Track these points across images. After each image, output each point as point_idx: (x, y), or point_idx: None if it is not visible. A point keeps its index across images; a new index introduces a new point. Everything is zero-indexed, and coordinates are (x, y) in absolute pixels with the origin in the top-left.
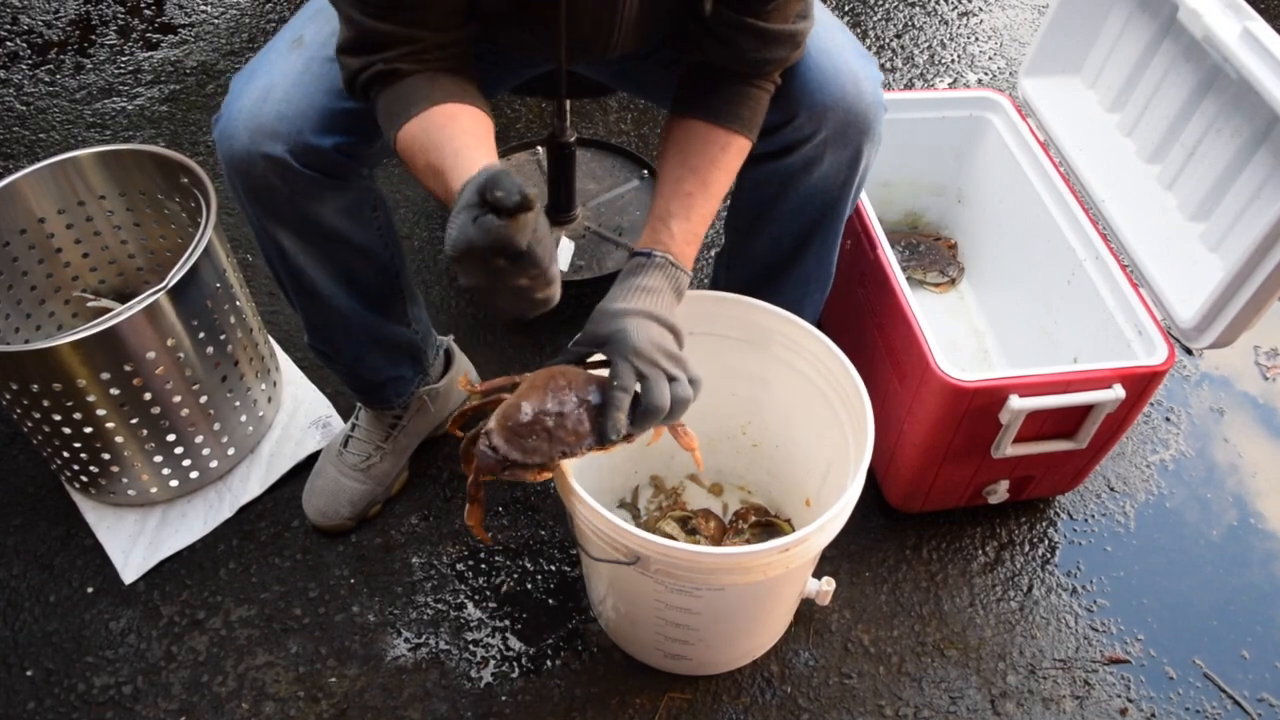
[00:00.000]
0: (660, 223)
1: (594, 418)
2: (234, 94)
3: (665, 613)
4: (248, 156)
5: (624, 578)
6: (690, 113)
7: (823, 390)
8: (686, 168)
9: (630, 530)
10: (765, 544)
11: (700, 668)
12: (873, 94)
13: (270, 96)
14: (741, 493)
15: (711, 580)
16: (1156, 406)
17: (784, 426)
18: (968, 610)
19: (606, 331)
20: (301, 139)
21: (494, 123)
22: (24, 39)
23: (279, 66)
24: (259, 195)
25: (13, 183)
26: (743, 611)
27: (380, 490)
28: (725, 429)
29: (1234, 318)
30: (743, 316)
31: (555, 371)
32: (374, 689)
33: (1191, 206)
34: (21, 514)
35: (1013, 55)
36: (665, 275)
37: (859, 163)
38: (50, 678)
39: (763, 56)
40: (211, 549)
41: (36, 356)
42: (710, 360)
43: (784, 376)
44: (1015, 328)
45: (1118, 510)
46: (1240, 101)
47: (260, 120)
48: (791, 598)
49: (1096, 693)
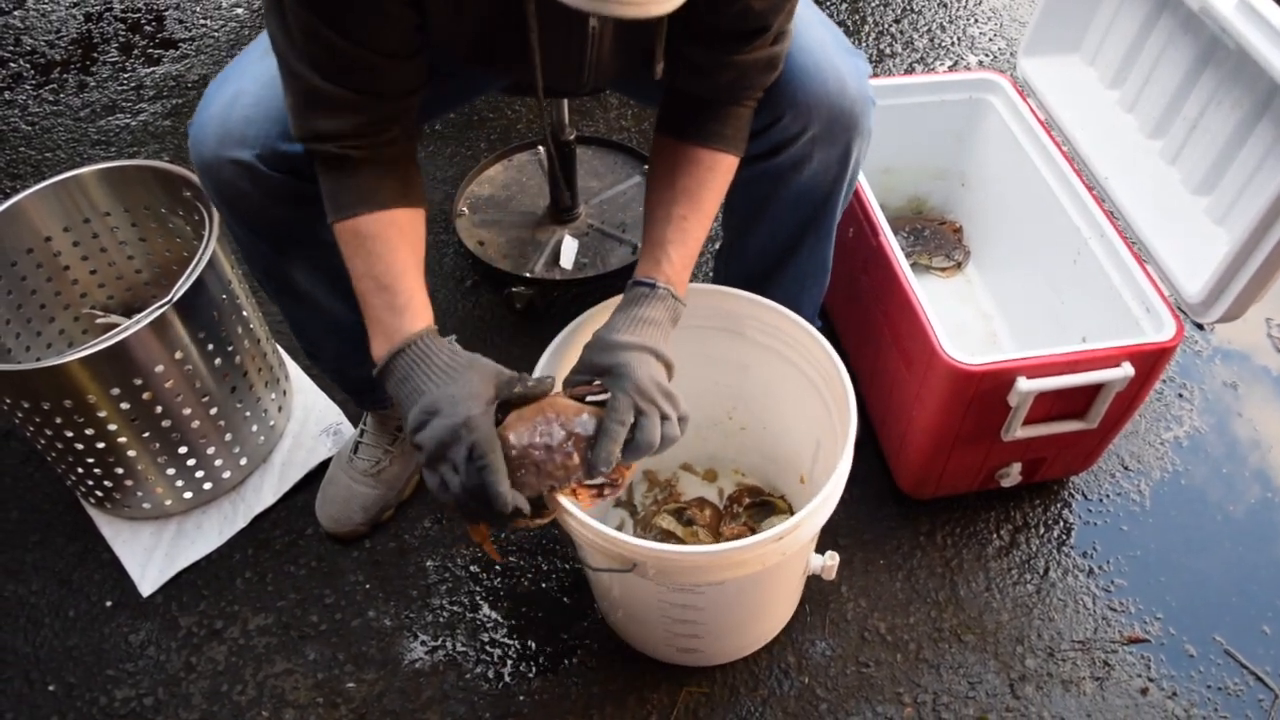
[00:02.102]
0: (659, 250)
1: (583, 450)
2: (206, 99)
3: (670, 611)
4: (216, 161)
5: (626, 582)
6: (675, 135)
7: (801, 369)
8: (677, 190)
9: (623, 539)
10: (758, 536)
11: (713, 657)
12: (858, 89)
13: (239, 102)
14: (736, 476)
15: (710, 577)
16: (1169, 383)
17: (768, 408)
18: (984, 595)
19: (608, 363)
20: (269, 144)
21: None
22: (27, 59)
23: (250, 72)
24: (230, 200)
25: (17, 203)
26: (747, 600)
27: (392, 494)
28: (711, 416)
29: (1242, 290)
30: (716, 305)
31: (545, 404)
32: (392, 693)
33: (1195, 180)
34: (39, 531)
35: (1013, 36)
36: (666, 307)
37: (849, 159)
38: (72, 692)
39: (743, 84)
40: (227, 559)
41: (46, 374)
42: (689, 350)
43: (761, 359)
44: (1023, 310)
45: (1133, 489)
46: (1240, 73)
47: (228, 125)
48: (795, 579)
49: (1116, 673)
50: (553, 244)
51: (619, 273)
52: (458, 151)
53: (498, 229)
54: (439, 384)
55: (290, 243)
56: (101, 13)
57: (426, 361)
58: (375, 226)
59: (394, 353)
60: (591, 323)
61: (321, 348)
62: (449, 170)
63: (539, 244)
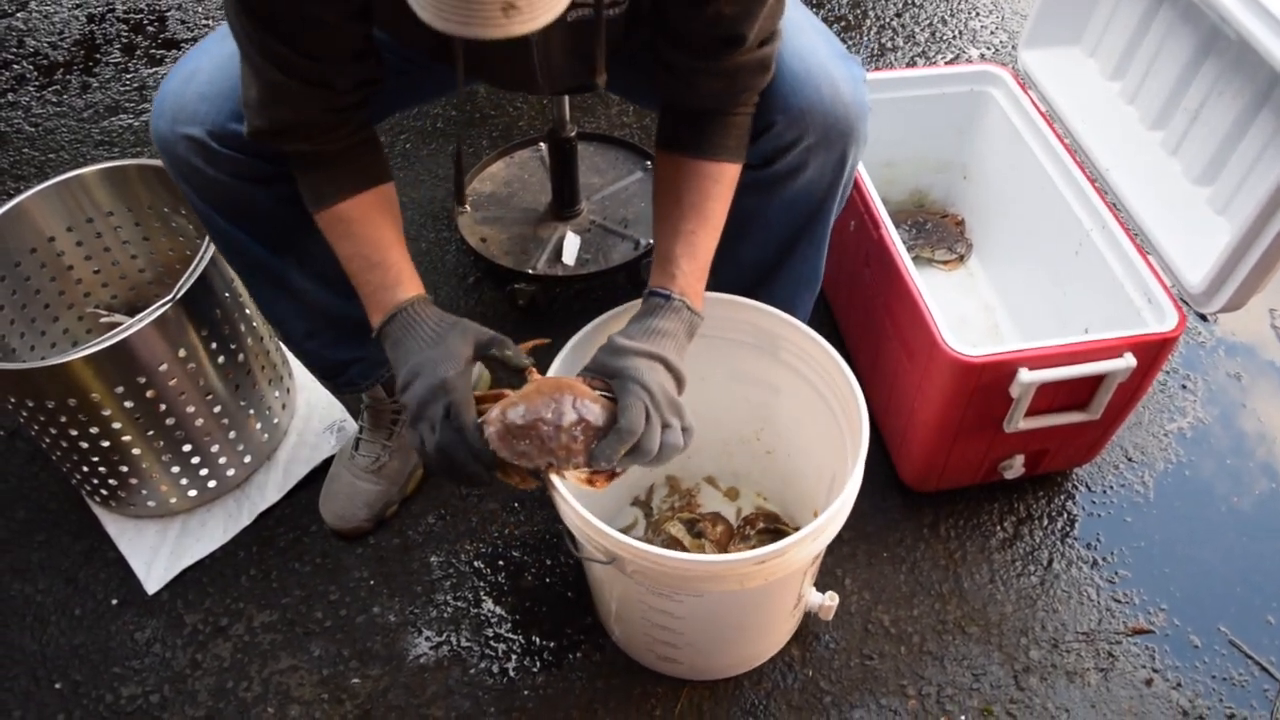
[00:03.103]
0: (671, 264)
1: (589, 440)
2: (167, 77)
3: (650, 614)
4: (170, 136)
5: (612, 577)
6: (676, 150)
7: (828, 400)
8: (684, 206)
9: (605, 530)
10: (738, 555)
11: (693, 672)
12: (852, 95)
13: (195, 79)
14: (758, 499)
15: (685, 586)
16: (1173, 374)
17: (795, 435)
18: (988, 587)
19: (618, 366)
20: (219, 122)
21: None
22: (30, 61)
23: (211, 51)
24: (185, 174)
25: (21, 203)
26: (728, 619)
27: (395, 490)
28: (739, 433)
29: (1244, 280)
30: (752, 321)
31: (565, 383)
32: (397, 688)
33: (1196, 171)
34: (45, 530)
35: (1014, 28)
36: (681, 319)
37: (844, 167)
38: (79, 690)
39: (732, 91)
40: (232, 557)
41: (50, 373)
42: (720, 363)
43: (792, 384)
44: (1026, 302)
45: (1136, 480)
46: (1240, 62)
47: (183, 101)
48: (783, 609)
49: (1121, 664)
50: (555, 240)
51: (621, 268)
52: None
53: (500, 226)
54: (423, 347)
55: (244, 217)
56: (104, 14)
57: (415, 327)
58: (355, 210)
59: (386, 319)
60: (609, 326)
61: (287, 325)
62: (451, 167)
63: (541, 240)
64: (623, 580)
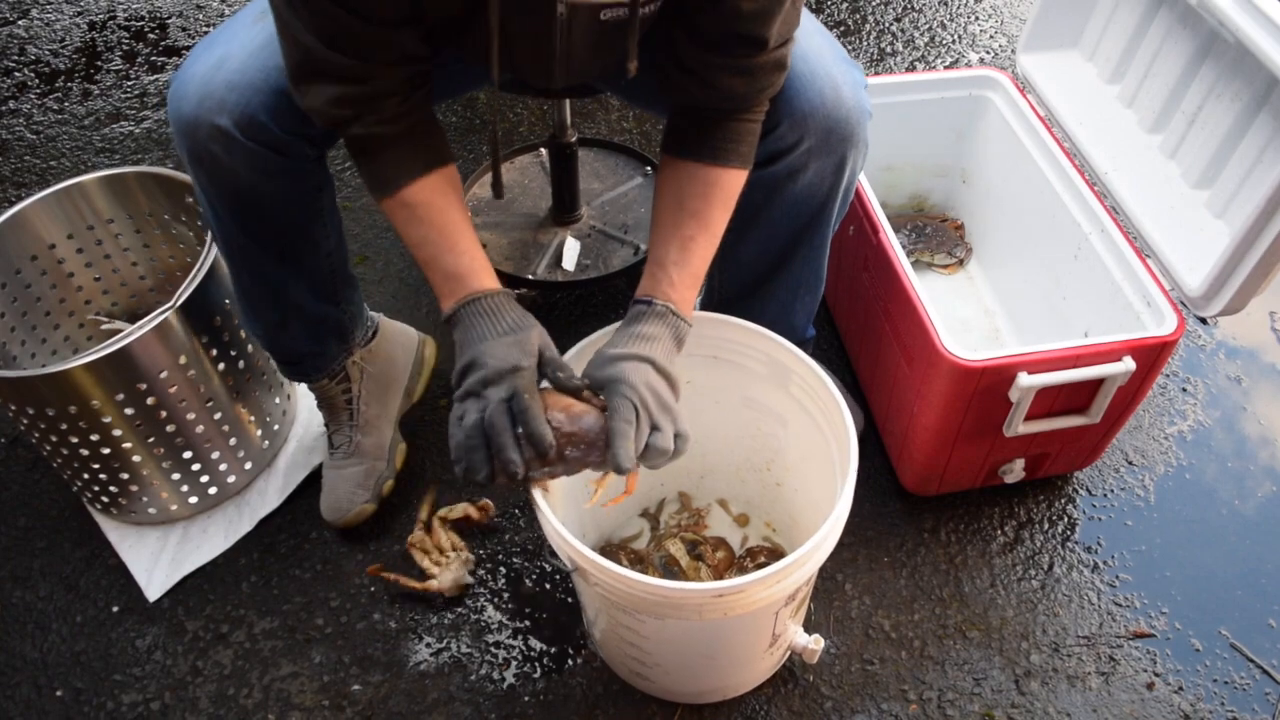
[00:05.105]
0: (659, 269)
1: (580, 450)
2: (191, 59)
3: (619, 630)
4: (195, 122)
5: (584, 587)
6: (683, 154)
7: (829, 440)
8: (685, 211)
9: (567, 538)
10: (694, 585)
11: (665, 693)
12: (854, 99)
13: (225, 66)
14: (767, 529)
15: (642, 608)
16: (1173, 378)
17: (803, 471)
18: (988, 591)
19: (604, 375)
20: (249, 112)
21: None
22: (31, 69)
23: (240, 37)
24: (202, 160)
25: (20, 211)
26: (694, 647)
27: (382, 464)
28: (751, 462)
29: (1242, 283)
30: (766, 351)
31: (552, 398)
32: (398, 695)
33: (1195, 174)
34: (46, 537)
35: (1013, 32)
36: (665, 324)
37: (844, 170)
38: (80, 697)
39: (750, 90)
40: (233, 563)
41: (51, 380)
42: (734, 388)
43: (799, 419)
44: (1026, 306)
45: (1137, 484)
46: (1238, 66)
47: (211, 88)
48: (756, 646)
49: (1122, 668)
50: (555, 246)
51: (621, 274)
52: (459, 154)
53: (500, 231)
54: (501, 334)
55: (253, 212)
56: (105, 21)
57: (495, 315)
58: (423, 194)
59: (462, 304)
60: (598, 344)
61: (258, 313)
62: None
63: (541, 246)
64: (592, 590)
